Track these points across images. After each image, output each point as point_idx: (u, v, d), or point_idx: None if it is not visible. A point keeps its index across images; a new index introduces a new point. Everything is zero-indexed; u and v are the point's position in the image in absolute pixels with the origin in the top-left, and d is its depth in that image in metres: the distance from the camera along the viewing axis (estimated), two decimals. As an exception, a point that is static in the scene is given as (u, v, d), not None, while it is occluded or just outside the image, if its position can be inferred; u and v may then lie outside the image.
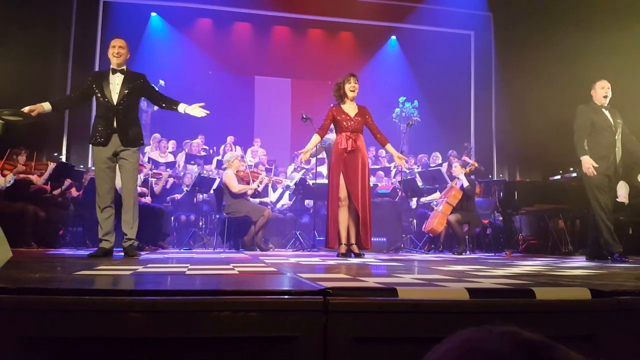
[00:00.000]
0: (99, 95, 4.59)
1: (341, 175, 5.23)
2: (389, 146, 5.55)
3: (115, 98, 4.56)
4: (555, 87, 8.57)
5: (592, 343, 1.61)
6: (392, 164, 9.74)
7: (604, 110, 5.29)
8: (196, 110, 4.78)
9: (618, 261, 4.85)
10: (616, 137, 5.23)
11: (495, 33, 11.51)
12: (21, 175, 6.90)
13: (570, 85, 5.60)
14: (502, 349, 0.56)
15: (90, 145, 4.77)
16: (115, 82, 4.60)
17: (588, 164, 5.11)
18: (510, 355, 0.56)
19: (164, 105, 4.88)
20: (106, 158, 4.57)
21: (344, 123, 5.29)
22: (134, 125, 4.66)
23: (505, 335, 0.58)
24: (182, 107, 4.80)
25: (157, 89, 4.96)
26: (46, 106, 4.50)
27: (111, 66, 4.66)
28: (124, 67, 4.68)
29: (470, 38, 11.96)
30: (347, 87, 5.34)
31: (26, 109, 4.33)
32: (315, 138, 5.41)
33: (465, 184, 7.21)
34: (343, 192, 5.22)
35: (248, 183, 7.52)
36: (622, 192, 7.00)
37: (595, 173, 5.10)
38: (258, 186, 7.61)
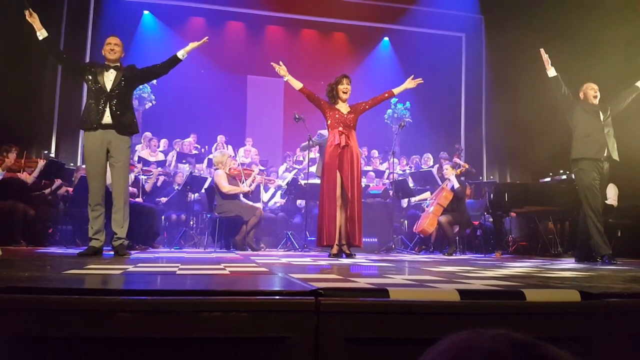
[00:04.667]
0: (91, 81, 4.56)
1: (337, 173, 5.23)
2: (396, 89, 5.59)
3: (108, 85, 4.55)
4: (546, 90, 8.60)
5: (581, 345, 1.62)
6: (385, 164, 9.77)
7: (593, 108, 5.36)
8: (194, 45, 4.80)
9: (607, 263, 4.89)
10: (603, 122, 5.27)
11: (487, 35, 11.57)
12: (8, 174, 6.83)
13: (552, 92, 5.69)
14: (495, 348, 0.58)
15: (81, 144, 4.73)
16: (109, 77, 4.58)
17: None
18: (503, 353, 0.58)
19: (166, 69, 4.87)
20: (97, 155, 4.54)
21: (336, 118, 5.30)
22: (128, 112, 4.64)
23: (497, 335, 0.60)
24: (180, 54, 4.86)
25: (149, 65, 4.93)
26: (43, 32, 4.60)
27: (105, 62, 4.65)
28: (118, 64, 4.67)
29: (462, 40, 12.02)
30: (340, 88, 5.36)
31: (31, 14, 4.52)
32: (298, 84, 5.44)
33: (456, 185, 7.25)
34: (339, 191, 5.23)
35: (240, 181, 7.50)
36: (611, 194, 7.07)
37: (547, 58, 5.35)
38: (250, 185, 7.58)
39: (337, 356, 1.50)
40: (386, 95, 5.54)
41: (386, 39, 12.46)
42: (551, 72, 5.41)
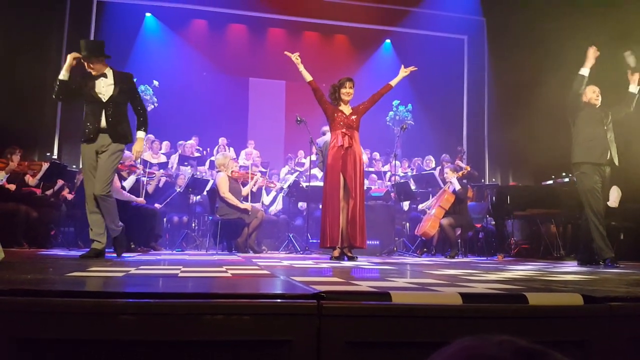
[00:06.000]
0: (87, 93, 4.55)
1: (340, 174, 5.23)
2: (393, 81, 5.55)
3: (104, 96, 4.54)
4: (548, 92, 8.62)
5: (584, 349, 1.62)
6: (387, 166, 9.76)
7: (597, 112, 5.34)
8: (136, 146, 4.76)
9: (609, 267, 4.87)
10: (606, 127, 5.25)
11: (489, 38, 11.57)
12: (7, 185, 6.86)
13: (563, 91, 5.64)
14: (501, 355, 0.57)
15: (81, 145, 4.71)
16: (101, 85, 4.56)
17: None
18: None
19: (137, 114, 4.81)
20: (92, 158, 4.54)
21: (339, 120, 5.31)
22: (123, 122, 4.62)
23: (503, 343, 0.59)
24: (139, 134, 4.78)
25: (141, 96, 4.92)
26: (67, 75, 4.54)
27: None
28: (105, 72, 4.61)
29: (464, 42, 12.01)
30: (343, 91, 5.37)
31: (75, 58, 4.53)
32: (309, 76, 5.47)
33: (457, 187, 7.24)
34: (342, 192, 5.23)
35: (243, 184, 7.50)
36: (614, 196, 7.04)
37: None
38: (248, 197, 7.52)
39: (339, 359, 1.50)
40: (384, 89, 5.53)
41: (388, 41, 12.47)
42: (584, 70, 5.32)
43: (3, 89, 8.06)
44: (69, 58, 4.56)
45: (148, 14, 11.33)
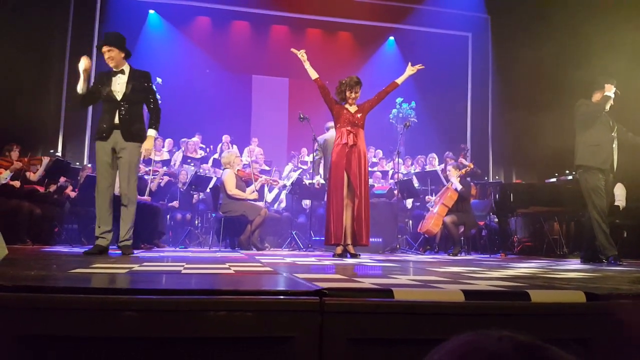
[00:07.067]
0: (103, 92, 4.58)
1: (345, 172, 5.23)
2: (399, 79, 5.52)
3: (119, 94, 4.56)
4: (552, 90, 8.60)
5: (586, 346, 1.62)
6: (389, 165, 9.75)
7: (607, 118, 5.30)
8: (145, 144, 4.72)
9: (613, 264, 4.87)
10: (613, 134, 5.24)
11: (493, 35, 11.55)
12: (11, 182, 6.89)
13: (568, 88, 5.63)
14: (501, 350, 0.58)
15: (87, 144, 4.72)
16: (117, 83, 4.57)
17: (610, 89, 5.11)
18: (509, 356, 0.58)
19: (149, 113, 4.81)
20: (105, 154, 4.55)
21: (344, 117, 5.31)
22: (137, 122, 4.63)
23: (503, 338, 0.60)
24: (149, 132, 4.75)
25: (157, 97, 4.92)
26: (84, 89, 4.52)
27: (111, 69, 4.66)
28: (124, 68, 4.64)
29: (468, 40, 11.99)
30: (349, 94, 5.36)
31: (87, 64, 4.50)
32: (314, 74, 5.47)
33: (459, 187, 7.22)
34: (346, 190, 5.24)
35: (247, 184, 7.50)
36: (619, 193, 7.03)
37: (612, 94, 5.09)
38: (254, 191, 7.53)
39: (341, 356, 1.50)
40: (390, 87, 5.51)
41: (392, 38, 12.45)
42: (610, 93, 5.19)
43: (7, 86, 8.08)
44: (82, 74, 4.52)
45: (151, 11, 11.35)
